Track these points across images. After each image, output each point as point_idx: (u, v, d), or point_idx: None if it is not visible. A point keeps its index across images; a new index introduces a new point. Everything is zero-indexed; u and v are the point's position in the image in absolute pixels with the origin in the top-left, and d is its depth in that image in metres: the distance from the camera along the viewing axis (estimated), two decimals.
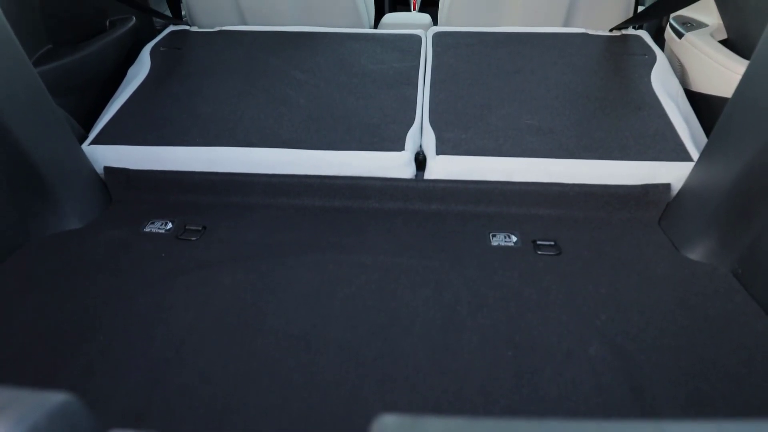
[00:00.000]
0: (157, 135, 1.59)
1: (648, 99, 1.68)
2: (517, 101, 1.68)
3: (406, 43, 2.05)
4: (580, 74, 1.81)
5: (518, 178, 1.45)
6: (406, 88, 1.77)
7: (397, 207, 1.46)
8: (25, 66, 1.31)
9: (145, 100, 1.75)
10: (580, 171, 1.44)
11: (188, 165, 1.52)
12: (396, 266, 1.24)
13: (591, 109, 1.64)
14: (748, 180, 1.17)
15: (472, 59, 1.91)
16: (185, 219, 1.43)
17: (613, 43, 2.01)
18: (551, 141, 1.51)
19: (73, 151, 1.46)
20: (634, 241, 1.34)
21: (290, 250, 1.31)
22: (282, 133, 1.58)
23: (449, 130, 1.56)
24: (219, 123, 1.63)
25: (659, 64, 1.86)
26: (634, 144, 1.50)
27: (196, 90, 1.79)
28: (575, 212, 1.43)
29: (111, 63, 2.03)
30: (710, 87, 1.78)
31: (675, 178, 1.42)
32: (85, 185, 1.48)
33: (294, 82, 1.81)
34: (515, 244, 1.33)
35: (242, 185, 1.49)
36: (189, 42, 2.12)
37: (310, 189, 1.48)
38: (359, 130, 1.58)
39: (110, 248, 1.33)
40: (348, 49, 2.01)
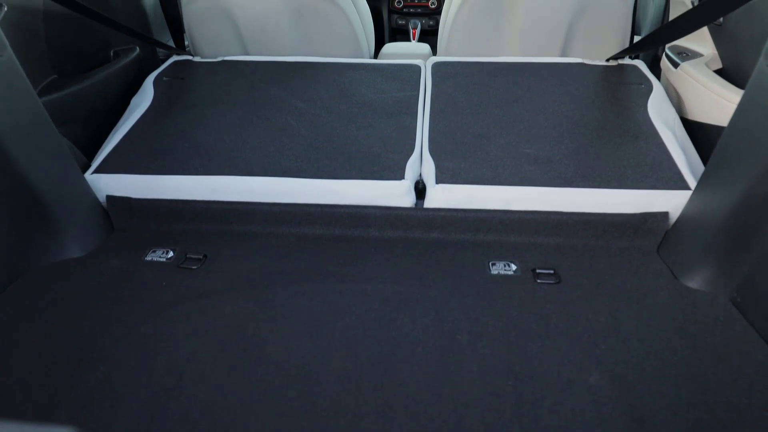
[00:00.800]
0: (159, 164, 1.60)
1: (645, 128, 1.70)
2: (516, 130, 1.70)
3: (405, 72, 2.08)
4: (577, 103, 1.84)
5: (517, 206, 1.46)
6: (405, 118, 1.79)
7: (397, 235, 1.47)
8: (30, 96, 1.33)
9: (147, 130, 1.77)
10: (578, 199, 1.45)
11: (190, 194, 1.53)
12: (396, 295, 1.25)
13: (589, 138, 1.66)
14: (745, 209, 1.18)
15: (470, 89, 1.94)
16: (186, 247, 1.44)
17: (609, 73, 2.04)
18: (550, 170, 1.53)
19: (75, 180, 1.48)
20: (633, 269, 1.35)
21: (291, 278, 1.31)
22: (283, 162, 1.60)
23: (448, 159, 1.58)
24: (221, 152, 1.64)
25: (656, 93, 1.88)
26: (631, 173, 1.51)
27: (198, 119, 1.81)
28: (574, 240, 1.44)
29: (115, 92, 2.05)
30: (706, 116, 1.80)
31: (673, 207, 1.43)
32: (87, 214, 1.49)
33: (295, 112, 1.84)
34: (515, 272, 1.33)
35: (243, 214, 1.50)
36: (192, 72, 2.15)
37: (310, 217, 1.49)
38: (359, 159, 1.60)
39: (111, 277, 1.33)
40: (348, 78, 2.04)
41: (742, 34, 1.76)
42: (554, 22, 2.12)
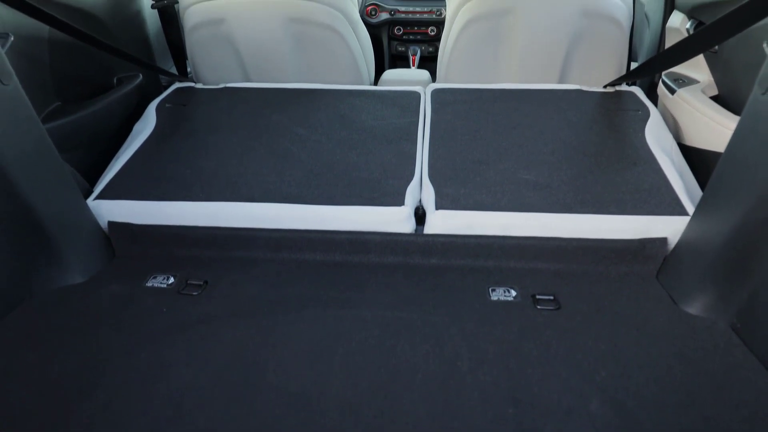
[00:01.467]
0: (161, 190, 1.62)
1: (643, 154, 1.71)
2: (515, 156, 1.72)
3: (405, 99, 2.11)
4: (575, 130, 1.86)
5: (516, 232, 1.47)
6: (405, 144, 1.81)
7: (397, 261, 1.48)
8: (35, 124, 1.35)
9: (149, 156, 1.79)
10: (577, 225, 1.46)
11: (191, 220, 1.54)
12: (396, 321, 1.25)
13: (587, 164, 1.67)
14: (743, 235, 1.19)
15: (470, 115, 1.96)
16: (187, 273, 1.45)
17: (607, 99, 2.06)
18: (548, 196, 1.54)
19: (77, 207, 1.49)
20: (633, 295, 1.35)
21: (291, 305, 1.31)
22: (284, 188, 1.61)
23: (448, 185, 1.59)
24: (222, 178, 1.66)
25: (653, 119, 1.90)
26: (630, 198, 1.52)
27: (200, 146, 1.83)
28: (573, 266, 1.44)
29: (117, 119, 2.07)
30: (703, 142, 1.82)
31: (671, 232, 1.43)
32: (89, 240, 1.50)
33: (296, 138, 1.85)
34: (515, 298, 1.34)
35: (244, 240, 1.51)
36: (194, 98, 2.17)
37: (311, 243, 1.49)
38: (360, 185, 1.61)
39: (112, 303, 1.34)
40: (349, 105, 2.07)
41: (737, 61, 1.78)
42: (552, 50, 2.15)
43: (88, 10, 1.98)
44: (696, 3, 2.01)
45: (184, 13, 2.21)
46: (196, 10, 2.16)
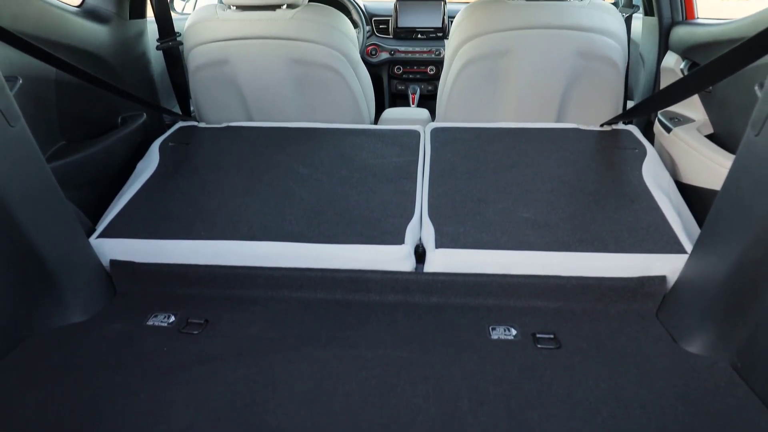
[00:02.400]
0: (162, 229, 1.63)
1: (640, 192, 1.73)
2: (513, 195, 1.73)
3: (405, 138, 2.14)
4: (573, 168, 1.88)
5: (516, 270, 1.47)
6: (405, 183, 1.83)
7: (397, 300, 1.48)
8: (40, 164, 1.37)
9: (152, 194, 1.81)
10: (576, 264, 1.47)
11: (193, 258, 1.55)
12: (397, 360, 1.25)
13: (585, 203, 1.69)
14: (740, 274, 1.20)
15: (469, 154, 1.98)
16: (188, 312, 1.45)
17: (604, 138, 2.09)
18: (547, 234, 1.55)
19: (80, 245, 1.50)
20: (633, 333, 1.35)
21: (292, 344, 1.31)
22: (285, 226, 1.62)
23: (448, 223, 1.61)
24: (224, 217, 1.67)
25: (649, 157, 1.92)
26: (628, 237, 1.53)
27: (202, 184, 1.85)
28: (573, 305, 1.45)
29: (121, 158, 2.10)
30: (700, 180, 1.84)
31: (670, 271, 1.44)
32: (91, 278, 1.51)
33: (297, 177, 1.88)
34: (515, 337, 1.34)
35: (245, 278, 1.52)
36: (197, 137, 2.20)
37: (312, 282, 1.50)
38: (360, 223, 1.62)
39: (113, 343, 1.34)
40: (349, 144, 2.09)
41: (731, 101, 1.81)
42: (549, 89, 2.18)
43: (94, 51, 2.03)
44: (689, 44, 2.06)
45: (188, 54, 2.25)
46: (200, 51, 2.21)
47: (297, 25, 2.15)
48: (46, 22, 1.81)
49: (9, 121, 1.24)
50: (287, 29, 2.15)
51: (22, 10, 1.70)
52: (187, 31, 2.22)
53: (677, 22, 2.22)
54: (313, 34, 2.16)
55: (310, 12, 2.18)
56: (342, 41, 2.21)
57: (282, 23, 2.15)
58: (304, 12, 2.17)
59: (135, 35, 2.26)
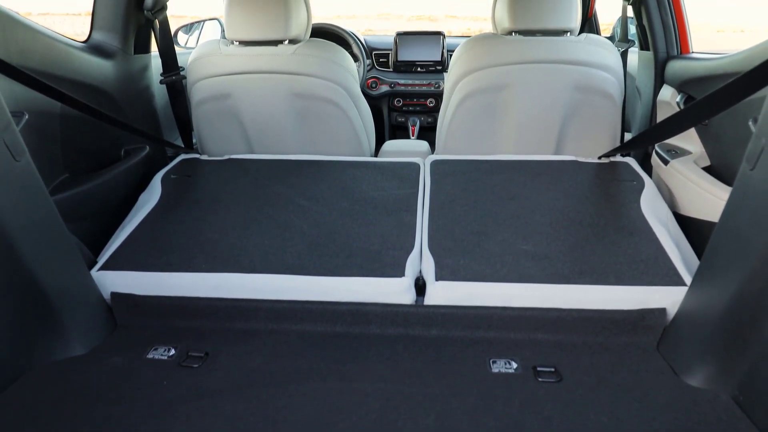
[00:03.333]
0: (164, 261, 1.64)
1: (639, 224, 1.74)
2: (513, 227, 1.75)
3: (405, 170, 2.16)
4: (572, 200, 1.89)
5: (516, 303, 1.48)
6: (405, 215, 1.84)
7: (398, 333, 1.48)
8: (44, 197, 1.38)
9: (154, 227, 1.82)
10: (576, 296, 1.47)
11: (193, 291, 1.55)
12: (397, 394, 1.24)
13: (584, 235, 1.70)
14: (740, 307, 1.20)
15: (468, 186, 2.00)
16: (188, 345, 1.45)
17: (602, 170, 2.11)
18: (547, 266, 1.56)
19: (81, 278, 1.50)
20: (634, 366, 1.35)
21: (292, 377, 1.31)
22: (286, 259, 1.63)
23: (448, 255, 1.61)
24: (225, 249, 1.68)
25: (647, 190, 1.94)
26: (627, 269, 1.54)
27: (203, 217, 1.86)
28: (574, 337, 1.44)
29: (124, 190, 2.12)
30: (698, 211, 1.85)
31: (670, 303, 1.44)
32: (92, 311, 1.51)
33: (298, 209, 1.89)
34: (515, 370, 1.33)
35: (246, 311, 1.52)
36: (199, 170, 2.23)
37: (312, 314, 1.50)
38: (360, 256, 1.63)
39: (112, 376, 1.33)
40: (350, 176, 2.11)
41: (726, 134, 1.84)
42: (547, 122, 2.21)
43: (99, 85, 2.06)
44: (684, 78, 2.09)
45: (191, 88, 2.29)
46: (203, 85, 2.25)
47: (298, 60, 2.19)
48: (53, 57, 1.84)
49: (14, 156, 1.26)
50: (289, 64, 2.19)
51: (29, 46, 1.73)
52: (191, 66, 2.26)
53: (672, 56, 2.26)
54: (315, 68, 2.20)
55: (311, 47, 2.22)
56: (343, 75, 2.25)
57: (284, 58, 2.19)
58: (305, 47, 2.21)
59: (139, 70, 2.30)
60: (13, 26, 1.66)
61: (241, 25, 2.16)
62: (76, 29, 12.25)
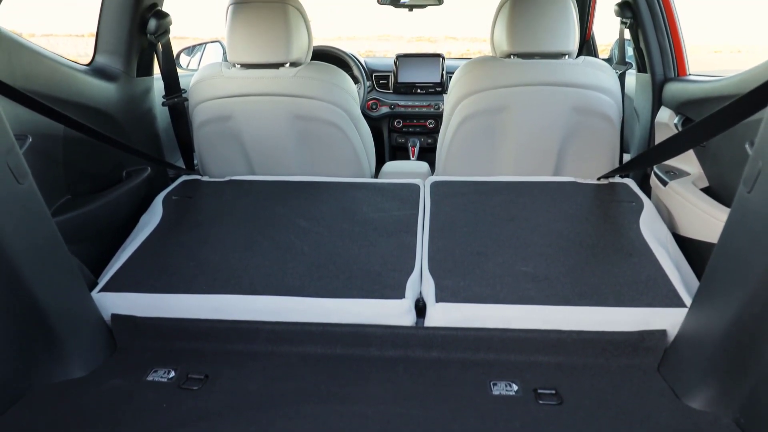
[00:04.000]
0: (164, 282, 1.64)
1: (638, 245, 1.75)
2: (513, 248, 1.75)
3: (405, 192, 2.17)
4: (571, 221, 1.90)
5: (517, 325, 1.48)
6: (405, 236, 1.85)
7: (398, 354, 1.48)
8: (46, 219, 1.39)
9: (155, 248, 1.83)
10: (576, 318, 1.47)
11: (194, 312, 1.56)
12: (397, 417, 1.24)
13: (584, 256, 1.70)
14: (740, 329, 1.20)
15: (468, 207, 2.01)
16: (188, 367, 1.44)
17: (601, 191, 2.12)
18: (547, 288, 1.56)
19: (82, 300, 1.50)
20: (635, 388, 1.34)
21: (291, 400, 1.31)
22: (286, 280, 1.63)
23: (448, 277, 1.62)
24: (225, 271, 1.68)
25: (647, 211, 1.95)
26: (627, 290, 1.54)
27: (204, 238, 1.87)
28: (574, 359, 1.44)
29: (125, 211, 2.13)
30: (697, 233, 1.86)
31: (670, 324, 1.44)
32: (92, 333, 1.51)
33: (299, 230, 1.90)
34: (516, 393, 1.33)
35: (246, 333, 1.52)
36: (200, 191, 2.24)
37: (312, 336, 1.50)
38: (361, 277, 1.64)
39: (112, 399, 1.33)
40: (350, 197, 2.13)
41: (724, 155, 1.85)
42: (546, 144, 2.23)
43: (102, 108, 2.08)
44: (681, 100, 2.11)
45: (193, 110, 2.31)
46: (205, 107, 2.27)
47: (299, 82, 2.21)
48: (57, 80, 1.87)
49: (18, 179, 1.27)
50: (290, 86, 2.21)
51: (34, 70, 1.76)
52: (193, 88, 2.28)
53: (669, 78, 2.28)
54: (315, 91, 2.22)
55: (312, 70, 2.25)
56: (343, 98, 2.27)
57: (285, 81, 2.22)
58: (306, 70, 2.24)
59: (142, 92, 2.32)
60: (18, 50, 1.69)
61: (243, 48, 2.18)
62: (79, 50, 12.36)
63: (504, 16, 2.17)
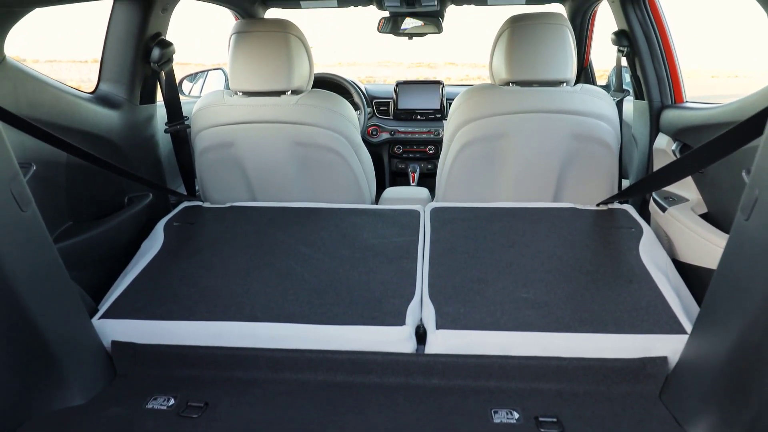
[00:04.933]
0: (165, 309, 1.64)
1: (638, 271, 1.75)
2: (513, 274, 1.75)
3: (405, 218, 2.18)
4: (571, 247, 1.91)
5: (517, 352, 1.47)
6: (406, 262, 1.85)
7: (398, 382, 1.47)
8: (47, 246, 1.39)
9: (155, 275, 1.83)
10: (577, 345, 1.47)
11: (194, 339, 1.55)
12: None
13: (584, 282, 1.71)
14: (740, 356, 1.20)
15: (468, 234, 2.02)
16: (188, 395, 1.44)
17: (600, 217, 2.13)
18: (547, 314, 1.56)
19: (83, 327, 1.50)
20: (637, 416, 1.34)
21: (292, 428, 1.30)
22: (287, 307, 1.63)
23: (448, 303, 1.62)
24: (226, 297, 1.69)
25: (646, 237, 1.96)
26: (627, 317, 1.54)
27: (205, 264, 1.87)
28: (575, 386, 1.44)
29: (127, 238, 2.14)
30: (696, 258, 1.87)
31: (671, 351, 1.44)
32: (92, 360, 1.51)
33: (299, 257, 1.90)
34: (517, 420, 1.32)
35: (246, 360, 1.52)
36: (201, 217, 2.25)
37: (312, 364, 1.50)
38: (361, 304, 1.64)
39: (111, 426, 1.32)
40: (351, 224, 2.13)
41: (723, 182, 1.87)
42: (545, 170, 2.25)
43: (105, 135, 2.10)
44: (678, 127, 2.14)
45: (195, 137, 2.33)
46: (207, 134, 2.29)
47: (301, 110, 2.24)
48: (61, 108, 1.89)
49: (21, 207, 1.28)
50: (291, 114, 2.24)
51: (38, 98, 1.78)
52: (195, 115, 2.31)
53: (666, 105, 2.31)
54: (316, 118, 2.24)
55: (313, 98, 2.27)
56: (344, 125, 2.30)
57: (286, 108, 2.24)
58: (307, 98, 2.26)
59: (145, 119, 2.35)
60: (23, 79, 1.71)
61: (246, 76, 2.21)
62: (83, 75, 12.39)
63: (502, 45, 2.20)
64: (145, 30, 2.21)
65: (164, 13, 2.31)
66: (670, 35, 2.34)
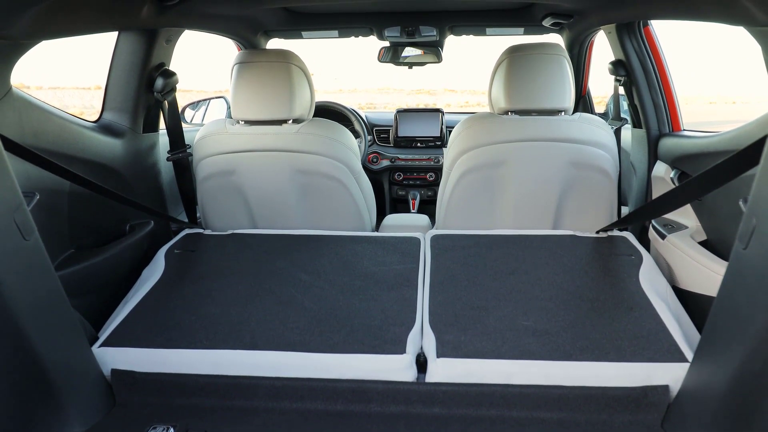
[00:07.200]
0: (165, 337, 1.64)
1: (638, 299, 1.75)
2: (513, 302, 1.76)
3: (405, 245, 2.19)
4: (571, 275, 1.91)
5: (518, 380, 1.47)
6: (406, 290, 1.86)
7: (399, 411, 1.47)
8: (50, 274, 1.40)
9: (156, 302, 1.83)
10: (578, 373, 1.47)
11: (194, 368, 1.55)
12: None
13: (584, 310, 1.71)
14: (741, 385, 1.20)
15: (468, 261, 2.02)
16: (187, 424, 1.43)
17: (600, 245, 2.14)
18: (548, 342, 1.56)
19: (82, 355, 1.50)
20: None
21: None
22: (287, 335, 1.63)
23: (449, 332, 1.62)
24: (226, 325, 1.68)
25: (646, 264, 1.96)
26: (628, 345, 1.54)
27: (206, 292, 1.88)
28: (577, 415, 1.43)
29: (128, 265, 2.14)
30: (696, 286, 1.87)
31: (672, 379, 1.44)
32: (92, 389, 1.50)
33: (300, 284, 1.91)
34: None
35: (246, 388, 1.51)
36: (202, 244, 2.26)
37: (312, 392, 1.49)
38: (361, 332, 1.64)
39: None
40: (351, 251, 2.14)
41: (721, 209, 1.88)
42: (544, 197, 2.26)
43: (108, 164, 2.12)
44: (677, 155, 2.16)
45: (197, 165, 2.35)
46: (208, 162, 2.31)
47: (302, 138, 2.26)
48: (65, 137, 1.91)
49: (24, 236, 1.29)
50: (292, 142, 2.26)
51: (42, 127, 1.80)
52: (198, 144, 2.33)
53: (664, 133, 2.33)
54: (317, 147, 2.26)
55: (314, 126, 2.30)
56: (344, 153, 2.32)
57: (288, 137, 2.26)
58: (308, 126, 2.29)
59: (147, 148, 2.37)
60: (27, 109, 1.74)
61: (248, 106, 2.24)
62: (85, 102, 12.49)
63: (501, 75, 2.23)
64: (149, 60, 2.25)
65: (168, 44, 2.35)
66: (666, 64, 2.38)
